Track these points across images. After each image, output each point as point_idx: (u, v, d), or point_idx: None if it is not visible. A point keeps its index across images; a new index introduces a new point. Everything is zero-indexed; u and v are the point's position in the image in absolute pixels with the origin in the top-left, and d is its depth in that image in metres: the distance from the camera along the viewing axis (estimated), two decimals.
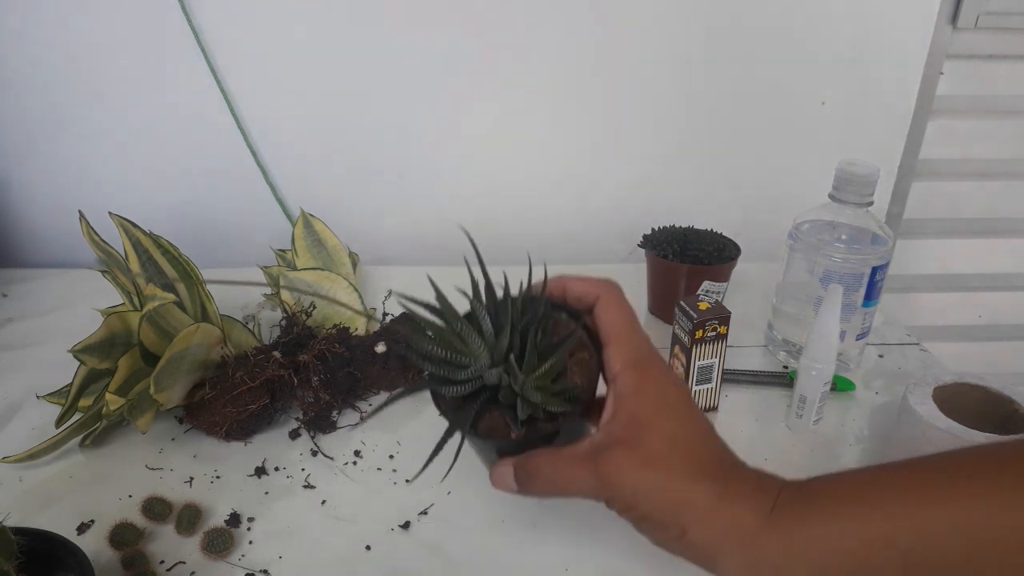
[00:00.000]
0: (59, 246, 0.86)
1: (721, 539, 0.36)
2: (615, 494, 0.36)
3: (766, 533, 0.35)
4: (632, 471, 0.36)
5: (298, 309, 0.64)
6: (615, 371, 0.38)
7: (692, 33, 0.82)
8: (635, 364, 0.38)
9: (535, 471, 0.38)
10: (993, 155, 0.94)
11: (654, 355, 0.39)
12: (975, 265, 1.01)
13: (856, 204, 0.63)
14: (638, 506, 0.36)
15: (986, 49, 0.87)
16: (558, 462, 0.38)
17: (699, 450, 0.37)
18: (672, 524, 0.36)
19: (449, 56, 0.81)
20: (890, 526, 0.34)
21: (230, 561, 0.46)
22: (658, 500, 0.36)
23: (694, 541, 0.36)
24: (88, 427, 0.54)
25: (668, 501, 0.36)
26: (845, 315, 0.64)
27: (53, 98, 0.80)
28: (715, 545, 0.36)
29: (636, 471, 0.36)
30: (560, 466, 0.37)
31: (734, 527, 0.35)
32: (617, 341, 0.39)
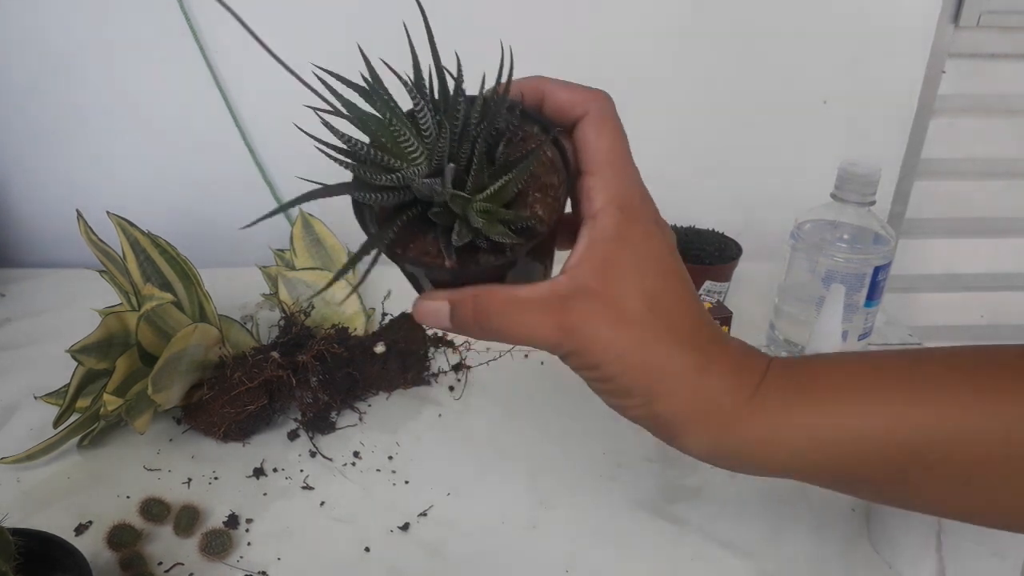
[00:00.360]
0: (57, 246, 0.86)
1: (692, 416, 0.32)
2: (579, 350, 0.32)
3: (746, 416, 0.32)
4: (603, 327, 0.31)
5: (297, 309, 0.64)
6: (595, 207, 0.32)
7: (693, 32, 0.82)
8: (621, 202, 0.32)
9: (483, 312, 0.32)
10: (996, 154, 0.94)
11: (645, 195, 0.34)
12: (977, 265, 1.01)
13: (858, 204, 0.62)
14: (603, 366, 0.32)
15: (988, 48, 0.87)
16: (513, 304, 0.32)
17: (681, 314, 0.33)
18: (639, 391, 0.32)
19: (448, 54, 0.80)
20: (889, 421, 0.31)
21: (228, 562, 0.46)
22: (628, 363, 0.32)
23: (659, 412, 0.33)
24: (86, 428, 0.54)
25: (639, 365, 0.32)
26: (847, 315, 0.63)
27: (51, 97, 0.80)
28: (684, 421, 0.32)
29: (608, 328, 0.31)
30: (515, 309, 0.32)
31: (710, 405, 0.32)
32: (603, 170, 0.32)
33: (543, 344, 0.32)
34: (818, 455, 0.32)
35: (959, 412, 0.31)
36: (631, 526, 0.50)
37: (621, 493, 0.52)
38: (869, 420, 0.31)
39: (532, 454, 0.56)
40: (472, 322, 0.32)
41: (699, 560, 0.47)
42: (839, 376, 0.33)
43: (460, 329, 0.33)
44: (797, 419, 0.32)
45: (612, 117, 0.33)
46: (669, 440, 0.34)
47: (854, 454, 0.32)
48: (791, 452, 0.32)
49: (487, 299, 0.32)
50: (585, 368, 0.33)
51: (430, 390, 0.63)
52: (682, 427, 0.33)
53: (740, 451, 0.33)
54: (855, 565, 0.47)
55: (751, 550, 0.48)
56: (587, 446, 0.57)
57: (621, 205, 0.32)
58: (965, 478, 0.31)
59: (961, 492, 0.32)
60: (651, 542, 0.49)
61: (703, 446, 0.33)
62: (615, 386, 0.33)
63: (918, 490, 0.33)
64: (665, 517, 0.50)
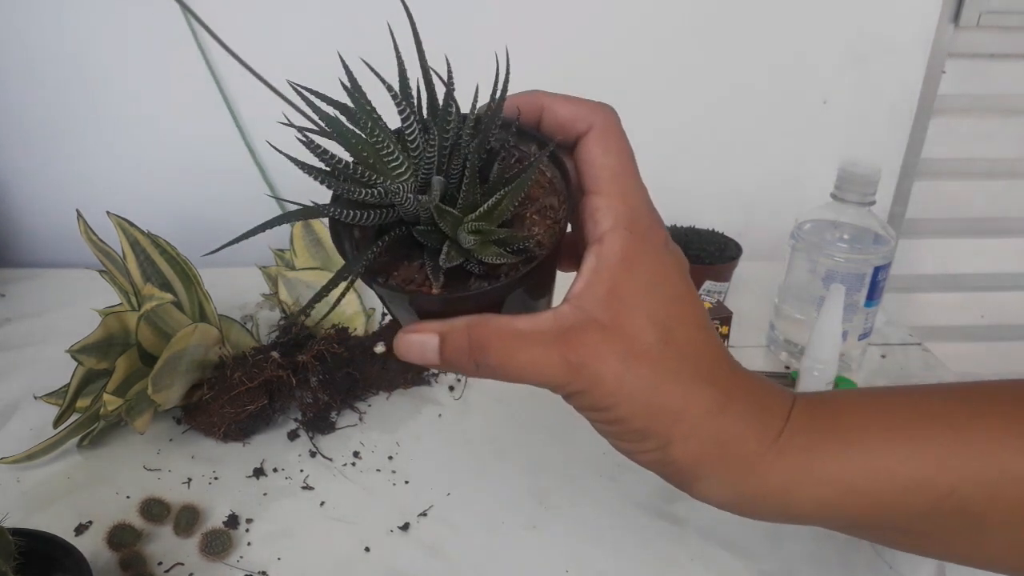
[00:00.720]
0: (57, 246, 0.86)
1: (711, 461, 0.29)
2: (586, 389, 0.28)
3: (770, 462, 0.29)
4: (613, 363, 0.28)
5: (297, 309, 0.64)
6: (602, 228, 0.29)
7: (693, 32, 0.82)
8: (629, 224, 0.29)
9: (479, 345, 0.28)
10: (996, 154, 0.93)
11: (655, 216, 0.31)
12: (977, 265, 1.01)
13: (858, 204, 0.62)
14: (612, 408, 0.29)
15: (988, 48, 0.87)
16: (513, 337, 0.28)
17: (698, 346, 0.30)
18: (654, 434, 0.29)
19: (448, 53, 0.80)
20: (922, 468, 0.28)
21: (228, 562, 0.46)
22: (641, 404, 0.28)
23: (676, 457, 0.29)
24: (86, 428, 0.54)
25: (653, 406, 0.28)
26: (847, 315, 0.63)
27: (51, 97, 0.80)
28: (702, 467, 0.29)
29: (618, 363, 0.28)
30: (516, 343, 0.28)
31: (730, 449, 0.29)
32: (609, 189, 0.30)
33: (547, 382, 0.29)
34: (848, 504, 0.29)
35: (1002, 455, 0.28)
36: (631, 526, 0.50)
37: (621, 493, 0.52)
38: (901, 466, 0.29)
39: (532, 454, 0.56)
40: (466, 357, 0.29)
41: (699, 560, 0.47)
42: (871, 414, 0.30)
43: (451, 365, 0.29)
44: (825, 465, 0.29)
45: (618, 132, 0.31)
46: (683, 486, 0.31)
47: (888, 500, 0.29)
48: (817, 501, 0.29)
49: (483, 331, 0.28)
50: (592, 409, 0.30)
51: (430, 390, 0.63)
52: (699, 473, 0.30)
53: (762, 499, 0.30)
54: (855, 566, 0.47)
55: (751, 551, 0.48)
56: (587, 446, 0.57)
57: (629, 227, 0.29)
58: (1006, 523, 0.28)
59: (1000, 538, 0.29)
60: (651, 542, 0.49)
61: (722, 494, 0.30)
62: (626, 429, 0.29)
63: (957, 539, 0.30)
64: (665, 517, 0.50)
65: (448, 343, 0.29)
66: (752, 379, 0.31)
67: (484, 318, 0.29)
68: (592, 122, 0.30)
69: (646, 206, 0.31)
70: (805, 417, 0.30)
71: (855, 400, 0.31)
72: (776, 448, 0.29)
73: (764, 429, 0.29)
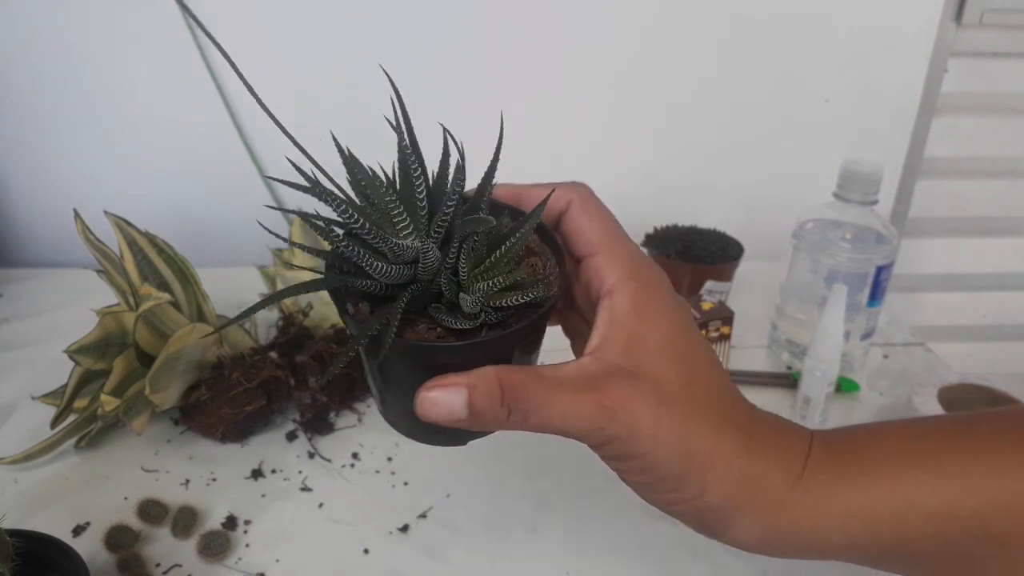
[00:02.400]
0: (55, 245, 0.86)
1: (743, 501, 0.29)
2: (622, 434, 0.28)
3: (798, 497, 0.29)
4: (645, 407, 0.28)
5: (295, 309, 0.64)
6: (610, 283, 0.30)
7: (694, 31, 0.82)
8: (635, 275, 0.30)
9: (514, 394, 0.27)
10: (998, 153, 0.93)
11: (656, 267, 0.32)
12: (980, 265, 1.00)
13: (860, 203, 0.62)
14: (648, 453, 0.28)
15: (991, 46, 0.87)
16: (548, 384, 0.28)
17: (718, 388, 0.30)
18: (690, 479, 0.29)
19: (450, 55, 0.80)
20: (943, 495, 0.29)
21: (227, 564, 0.46)
22: (676, 447, 0.28)
23: (711, 502, 0.29)
24: (84, 428, 0.54)
25: (689, 450, 0.28)
26: (849, 315, 0.63)
27: (49, 96, 0.79)
28: (734, 508, 0.29)
29: (650, 408, 0.28)
30: (552, 389, 0.28)
31: (759, 488, 0.29)
32: (606, 249, 0.31)
33: (582, 428, 0.28)
34: (876, 536, 0.29)
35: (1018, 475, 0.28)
36: (631, 527, 0.49)
37: (621, 494, 0.52)
38: (924, 494, 0.29)
39: (532, 456, 0.55)
40: (498, 406, 0.27)
41: (700, 561, 0.47)
42: (887, 446, 0.31)
43: (480, 417, 0.28)
44: (848, 496, 0.29)
45: (596, 202, 0.32)
46: (717, 532, 0.31)
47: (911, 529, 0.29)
48: (842, 533, 0.30)
49: (515, 377, 0.27)
50: (626, 457, 0.29)
51: None
52: (733, 515, 0.30)
53: (792, 536, 0.30)
54: (856, 566, 0.47)
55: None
56: (587, 447, 0.56)
57: (636, 277, 0.30)
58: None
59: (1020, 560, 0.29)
60: (651, 543, 0.48)
61: (754, 534, 0.30)
62: (660, 476, 0.29)
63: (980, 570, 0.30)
64: (666, 518, 0.50)
65: (479, 393, 0.27)
66: (768, 418, 0.32)
67: (510, 367, 0.28)
68: (569, 198, 0.32)
69: (645, 259, 0.32)
70: (824, 452, 0.30)
71: (872, 433, 0.32)
72: (801, 484, 0.29)
73: (787, 465, 0.30)
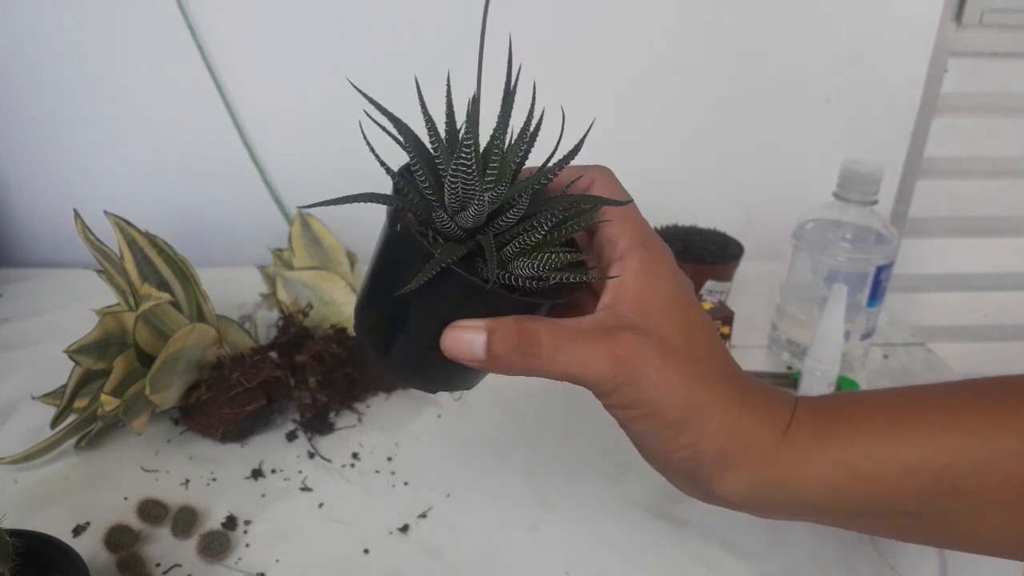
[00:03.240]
0: (55, 245, 0.86)
1: (734, 452, 0.32)
2: (631, 381, 0.31)
3: (783, 451, 0.32)
4: (654, 358, 0.31)
5: (295, 309, 0.64)
6: (621, 248, 0.33)
7: (694, 31, 0.82)
8: (644, 242, 0.33)
9: (529, 339, 0.30)
10: (999, 153, 0.93)
11: (663, 242, 0.35)
12: (980, 265, 1.00)
13: (860, 203, 0.62)
14: (653, 400, 0.31)
15: (991, 46, 0.87)
16: (563, 333, 0.31)
17: (714, 348, 0.33)
18: (690, 428, 0.31)
19: (449, 54, 0.80)
20: (921, 449, 0.31)
21: (227, 564, 0.46)
22: (678, 396, 0.31)
23: (705, 452, 0.32)
24: (83, 428, 0.54)
25: (690, 399, 0.31)
26: (849, 315, 0.63)
27: (49, 96, 0.79)
28: (726, 459, 0.32)
29: (658, 358, 0.31)
30: (566, 338, 0.31)
31: (750, 440, 0.32)
32: (620, 218, 0.34)
33: (594, 376, 0.31)
34: (853, 487, 0.32)
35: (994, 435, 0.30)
36: (632, 527, 0.49)
37: (622, 494, 0.52)
38: (903, 447, 0.31)
39: (532, 455, 0.55)
40: (516, 351, 0.30)
41: (700, 562, 0.47)
42: (866, 407, 0.33)
43: (496, 359, 0.31)
44: (827, 451, 0.32)
45: (616, 180, 0.36)
46: (705, 486, 0.33)
47: (885, 483, 0.31)
48: (824, 485, 0.32)
49: (532, 325, 0.31)
50: (631, 406, 0.32)
51: None
52: (723, 466, 0.32)
53: (777, 490, 0.33)
54: (857, 566, 0.47)
55: (752, 551, 0.48)
56: (588, 446, 0.56)
57: (645, 244, 0.33)
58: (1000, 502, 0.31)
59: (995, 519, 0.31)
60: (652, 543, 0.48)
61: (741, 487, 0.33)
62: (662, 423, 0.32)
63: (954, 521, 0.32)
64: (666, 518, 0.50)
65: (497, 337, 0.30)
66: (756, 381, 0.35)
67: (530, 316, 0.32)
68: (592, 177, 0.35)
69: (654, 234, 0.35)
70: (809, 411, 0.34)
71: (855, 396, 0.35)
72: (787, 439, 0.32)
73: (775, 422, 0.33)
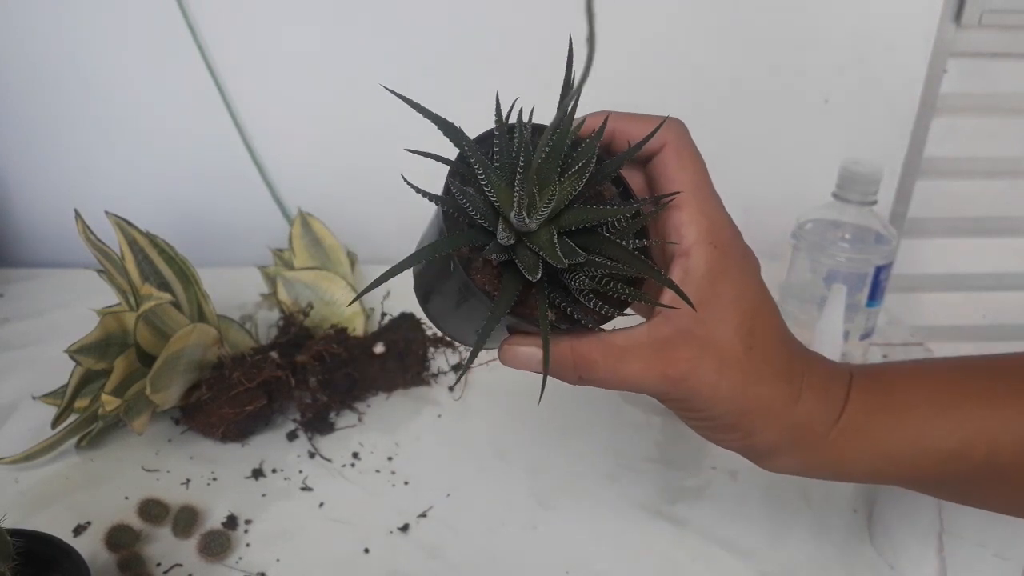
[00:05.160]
0: (55, 245, 0.86)
1: (786, 444, 0.33)
2: (685, 397, 0.32)
3: (831, 440, 0.33)
4: (708, 373, 0.31)
5: (296, 309, 0.64)
6: (688, 243, 0.31)
7: (694, 30, 0.82)
8: (712, 238, 0.32)
9: (584, 362, 0.31)
10: (998, 154, 0.93)
11: (734, 227, 0.33)
12: (980, 265, 1.00)
13: (860, 203, 0.62)
14: (708, 410, 0.32)
15: (990, 47, 0.87)
16: (615, 354, 0.31)
17: (776, 346, 0.33)
18: (742, 428, 0.33)
19: (449, 53, 0.80)
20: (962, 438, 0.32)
21: (227, 564, 0.46)
22: (733, 405, 0.32)
23: (757, 444, 0.33)
24: (84, 428, 0.54)
25: (744, 407, 0.32)
26: (849, 315, 0.63)
27: (50, 96, 0.79)
28: (778, 449, 0.34)
29: (712, 373, 0.31)
30: (618, 359, 0.31)
31: (802, 432, 0.33)
32: (689, 204, 0.32)
33: (648, 390, 0.32)
34: (897, 473, 0.34)
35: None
36: (631, 527, 0.50)
37: (622, 494, 0.52)
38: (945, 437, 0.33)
39: (532, 455, 0.56)
40: (570, 370, 0.32)
41: (699, 561, 0.47)
42: (916, 393, 0.34)
43: (554, 374, 0.32)
44: (877, 440, 0.33)
45: (691, 146, 0.33)
46: (757, 462, 0.35)
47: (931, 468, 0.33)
48: (871, 468, 0.34)
49: (587, 347, 0.31)
50: (688, 411, 0.33)
51: (430, 390, 0.62)
52: (775, 454, 0.34)
53: (824, 469, 0.35)
54: (856, 566, 0.47)
55: (752, 551, 0.48)
56: (587, 446, 0.56)
57: (713, 241, 0.32)
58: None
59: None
60: (651, 543, 0.48)
61: (791, 467, 0.35)
62: (717, 424, 0.33)
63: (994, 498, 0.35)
64: (666, 518, 0.50)
65: (554, 357, 0.31)
66: (815, 363, 0.35)
67: (584, 337, 0.31)
68: (665, 138, 0.33)
69: (725, 218, 0.33)
70: (860, 396, 0.34)
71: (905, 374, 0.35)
72: (837, 428, 0.33)
73: (828, 412, 0.33)
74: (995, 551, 0.46)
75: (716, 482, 0.53)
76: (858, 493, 0.52)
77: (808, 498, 0.52)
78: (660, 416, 0.59)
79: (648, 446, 0.56)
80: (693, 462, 0.55)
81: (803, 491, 0.52)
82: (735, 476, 0.53)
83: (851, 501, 0.52)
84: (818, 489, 0.53)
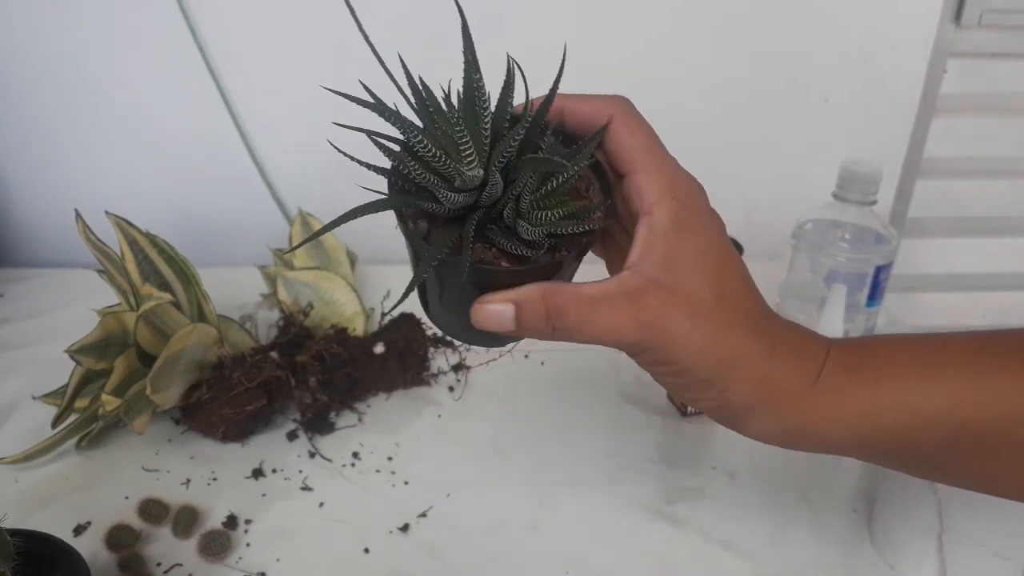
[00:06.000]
0: (55, 245, 0.86)
1: (761, 402, 0.33)
2: (658, 345, 0.32)
3: (811, 399, 0.33)
4: (680, 320, 0.31)
5: (296, 309, 0.64)
6: (650, 201, 0.32)
7: (693, 30, 0.82)
8: (674, 193, 0.32)
9: (557, 310, 0.31)
10: (998, 154, 0.93)
11: (694, 182, 0.34)
12: (980, 265, 1.00)
13: (860, 203, 0.62)
14: (679, 360, 0.32)
15: (990, 47, 0.87)
16: (588, 302, 0.31)
17: (746, 300, 0.33)
18: (716, 381, 0.32)
19: (445, 52, 0.80)
20: (943, 403, 0.32)
21: (227, 563, 0.46)
22: (704, 355, 0.32)
23: (731, 400, 0.33)
24: (84, 428, 0.54)
25: (717, 357, 0.32)
26: (849, 315, 0.63)
27: (50, 96, 0.79)
28: (753, 408, 0.33)
29: (684, 320, 0.31)
30: (591, 307, 0.31)
31: (777, 390, 0.33)
32: (646, 166, 0.33)
33: (620, 341, 0.32)
34: (877, 437, 0.33)
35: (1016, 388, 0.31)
36: (632, 527, 0.50)
37: (622, 494, 0.52)
38: (926, 401, 0.32)
39: (532, 455, 0.56)
40: (544, 321, 0.32)
41: (700, 561, 0.47)
42: (897, 355, 0.34)
43: (527, 330, 0.32)
44: (857, 401, 0.33)
45: (637, 115, 0.34)
46: (733, 426, 0.35)
47: (911, 432, 0.33)
48: (850, 433, 0.33)
49: (559, 297, 0.31)
50: (660, 363, 0.33)
51: (430, 391, 0.62)
52: (750, 413, 0.33)
53: (803, 433, 0.34)
54: (856, 567, 0.47)
55: (752, 551, 0.48)
56: (588, 446, 0.56)
57: (675, 195, 0.32)
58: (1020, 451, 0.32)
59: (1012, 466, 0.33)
60: (652, 543, 0.48)
61: (768, 430, 0.34)
62: (691, 379, 0.33)
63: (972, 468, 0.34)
64: (666, 518, 0.50)
65: (525, 310, 0.32)
66: (790, 327, 0.35)
67: (556, 286, 0.32)
68: (611, 112, 0.34)
69: (684, 174, 0.34)
70: (840, 359, 0.34)
71: (885, 342, 0.35)
72: (815, 388, 0.33)
73: (805, 371, 0.33)
74: (995, 551, 0.46)
75: (716, 482, 0.53)
76: (858, 493, 0.52)
77: (808, 498, 0.52)
78: (660, 416, 0.60)
79: (648, 446, 0.56)
80: (693, 462, 0.55)
81: (803, 491, 0.52)
82: (735, 476, 0.53)
83: (851, 501, 0.52)
84: (818, 489, 0.53)
